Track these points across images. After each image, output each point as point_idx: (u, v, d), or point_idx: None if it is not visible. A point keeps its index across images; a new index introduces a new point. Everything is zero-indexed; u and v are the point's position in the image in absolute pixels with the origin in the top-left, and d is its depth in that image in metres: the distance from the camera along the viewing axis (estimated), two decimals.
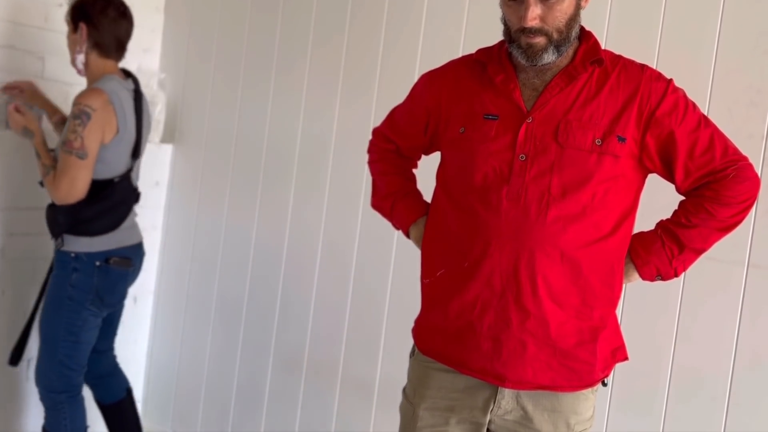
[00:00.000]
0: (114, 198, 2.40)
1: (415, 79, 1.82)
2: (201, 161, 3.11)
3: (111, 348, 2.67)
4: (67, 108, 2.45)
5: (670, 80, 1.56)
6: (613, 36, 2.16)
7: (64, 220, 2.34)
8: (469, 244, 1.55)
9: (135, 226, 2.56)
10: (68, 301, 2.36)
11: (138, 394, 3.13)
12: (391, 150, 1.84)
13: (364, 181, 2.62)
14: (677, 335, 2.12)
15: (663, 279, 1.60)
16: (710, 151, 1.53)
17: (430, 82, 1.72)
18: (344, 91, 2.71)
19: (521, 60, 1.52)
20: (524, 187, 1.50)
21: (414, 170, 1.89)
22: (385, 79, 2.61)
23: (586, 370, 1.55)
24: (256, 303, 2.93)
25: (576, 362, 1.54)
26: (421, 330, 1.69)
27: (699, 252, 1.58)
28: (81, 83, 2.83)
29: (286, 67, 2.87)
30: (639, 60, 1.61)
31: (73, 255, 2.36)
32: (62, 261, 2.38)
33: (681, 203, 1.60)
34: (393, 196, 1.81)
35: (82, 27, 2.37)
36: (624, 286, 1.65)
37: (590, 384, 1.58)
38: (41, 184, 2.40)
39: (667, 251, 1.57)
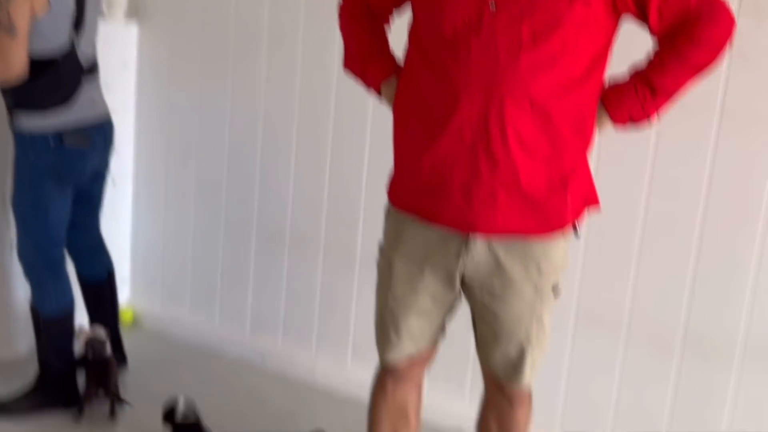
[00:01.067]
0: (58, 72, 2.34)
1: None
2: (169, 39, 3.03)
3: (93, 225, 2.70)
4: None
5: None
6: None
7: (10, 99, 2.34)
8: (439, 99, 1.54)
9: (95, 103, 2.49)
10: (29, 178, 2.39)
11: (125, 273, 3.19)
12: (360, 10, 1.80)
13: (336, 48, 2.57)
14: (651, 185, 2.16)
15: (635, 125, 1.60)
16: None
17: None
18: None
19: None
20: (494, 35, 1.48)
21: (386, 27, 1.85)
22: None
23: (556, 217, 1.58)
24: (235, 178, 2.94)
25: (546, 210, 1.57)
26: (394, 186, 1.72)
27: (671, 95, 1.57)
28: None
29: None
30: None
31: (27, 134, 2.36)
32: (20, 141, 2.39)
33: (654, 46, 1.58)
34: (364, 56, 1.78)
35: None
36: (598, 139, 1.66)
37: (561, 231, 1.61)
38: None
39: (640, 95, 1.56)
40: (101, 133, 2.51)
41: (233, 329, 3.01)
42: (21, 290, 2.73)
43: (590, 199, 1.66)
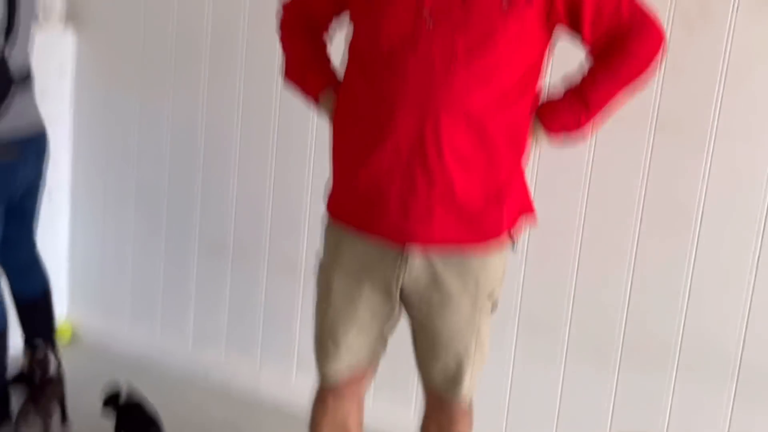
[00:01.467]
0: None
1: None
2: (108, 45, 2.96)
3: (28, 240, 2.60)
4: None
5: None
6: None
7: None
8: (376, 112, 1.54)
9: (27, 114, 2.39)
10: None
11: (63, 287, 3.10)
12: (300, 20, 1.79)
13: (277, 56, 2.53)
14: (588, 196, 2.19)
15: (570, 138, 1.63)
16: (617, 7, 1.53)
17: None
18: None
19: None
20: (430, 50, 1.48)
21: (326, 38, 1.84)
22: None
23: (493, 230, 1.60)
24: (176, 188, 2.88)
25: (483, 223, 1.58)
26: (332, 199, 1.71)
27: (605, 109, 1.59)
28: None
29: None
30: None
31: None
32: None
33: (588, 61, 1.61)
34: (303, 67, 1.78)
35: None
36: (536, 151, 1.68)
37: (497, 244, 1.62)
38: None
39: (574, 109, 1.58)
40: (34, 145, 2.42)
41: (175, 342, 2.96)
42: None
43: (526, 209, 1.67)
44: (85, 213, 3.10)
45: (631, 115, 1.94)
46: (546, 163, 2.13)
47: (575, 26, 1.54)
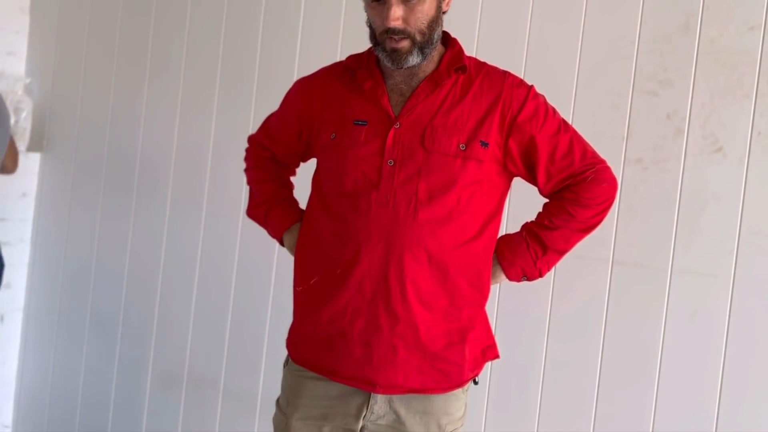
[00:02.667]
0: None
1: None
2: (71, 171, 2.97)
3: None
4: None
5: (531, 86, 1.61)
6: (482, 42, 2.21)
7: None
8: (340, 251, 1.55)
9: None
10: None
11: (7, 419, 2.95)
12: (266, 157, 1.83)
13: (243, 189, 2.57)
14: (549, 331, 2.19)
15: (528, 279, 1.66)
16: (570, 154, 1.59)
17: (301, 89, 1.72)
18: (221, 97, 2.65)
19: (387, 63, 1.54)
20: (392, 191, 1.51)
21: (292, 178, 1.88)
22: (263, 83, 2.57)
23: (455, 371, 1.58)
24: (132, 317, 2.82)
25: (445, 364, 1.57)
26: (293, 339, 1.68)
27: (561, 252, 1.64)
28: None
29: (160, 71, 2.78)
30: (506, 65, 1.65)
31: None
32: None
33: (544, 206, 1.66)
34: (267, 203, 1.80)
35: None
36: (496, 286, 1.68)
37: (459, 384, 1.60)
38: None
39: (532, 253, 1.62)
40: None
41: None
42: None
43: (490, 352, 1.67)
44: (37, 338, 3.01)
45: (590, 253, 1.97)
46: (506, 300, 2.14)
47: (530, 171, 1.60)
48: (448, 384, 1.58)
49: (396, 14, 1.47)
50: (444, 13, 1.57)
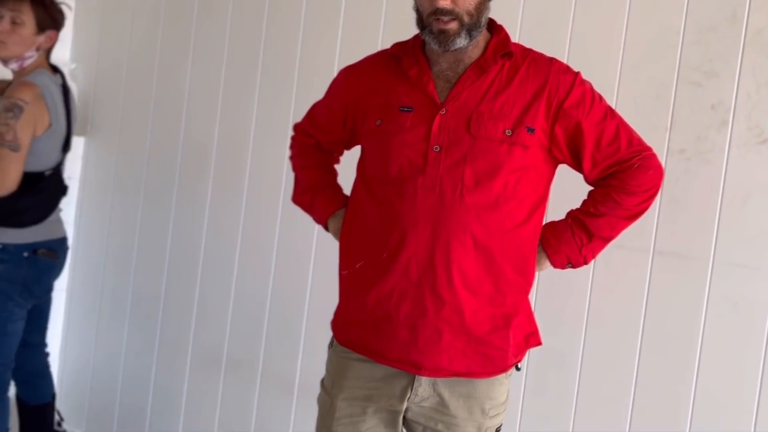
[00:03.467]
0: (47, 191, 2.44)
1: (335, 72, 1.83)
2: (114, 154, 3.03)
3: (43, 343, 2.66)
4: None
5: (578, 73, 1.61)
6: (525, 29, 2.21)
7: None
8: (386, 235, 1.57)
9: (60, 220, 2.56)
10: None
11: None
12: (311, 144, 1.86)
13: (283, 175, 2.61)
14: (588, 320, 2.20)
15: (573, 267, 1.67)
16: (616, 141, 1.59)
17: (347, 77, 1.75)
18: (263, 84, 2.69)
19: (434, 46, 1.55)
20: (438, 177, 1.53)
21: (336, 165, 1.91)
22: (304, 71, 2.60)
23: (499, 356, 1.60)
24: (173, 299, 2.88)
25: (490, 348, 1.59)
26: (339, 321, 1.71)
27: (607, 240, 1.65)
28: None
29: (203, 56, 2.82)
30: (550, 53, 1.66)
31: (1, 246, 2.36)
32: None
33: (589, 193, 1.67)
34: (312, 190, 1.83)
35: (52, 35, 2.46)
36: (536, 273, 1.70)
37: (503, 369, 1.62)
38: None
39: (577, 240, 1.63)
40: (63, 249, 2.56)
41: None
42: None
43: (532, 339, 1.69)
44: (80, 319, 3.08)
45: (630, 242, 1.97)
46: (547, 286, 2.15)
47: (576, 158, 1.61)
48: (492, 368, 1.60)
49: None
50: None
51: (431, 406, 1.61)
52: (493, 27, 1.63)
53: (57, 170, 2.49)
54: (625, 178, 1.60)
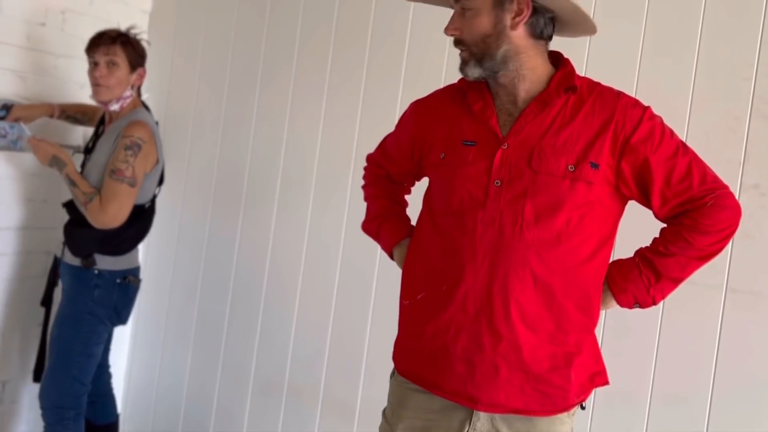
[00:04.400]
0: (144, 221, 2.62)
1: (398, 101, 1.87)
2: (183, 181, 3.11)
3: (108, 364, 2.77)
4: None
5: (647, 107, 1.58)
6: (593, 63, 2.20)
7: (100, 241, 2.50)
8: (446, 268, 1.58)
9: (138, 248, 2.71)
10: (89, 316, 2.50)
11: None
12: (381, 175, 1.91)
13: (347, 202, 2.65)
14: (657, 359, 2.14)
15: (641, 307, 1.62)
16: (688, 178, 1.55)
17: (415, 110, 1.78)
18: (328, 106, 2.73)
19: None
20: (498, 211, 1.53)
21: (406, 196, 1.95)
22: (368, 100, 2.64)
23: (559, 395, 1.57)
24: (236, 324, 2.93)
25: (549, 387, 1.56)
26: (399, 351, 1.72)
27: (677, 281, 1.59)
28: (63, 102, 2.84)
29: (270, 87, 2.89)
30: (619, 86, 1.64)
31: (96, 272, 2.50)
32: (84, 278, 2.51)
33: (661, 231, 1.62)
34: (380, 218, 1.87)
35: (142, 72, 2.62)
36: (604, 310, 1.67)
37: (565, 408, 1.59)
38: (68, 205, 2.57)
39: (644, 279, 1.59)
40: (139, 274, 2.70)
41: None
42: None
43: (598, 378, 1.65)
44: (145, 340, 3.16)
45: (702, 280, 1.92)
46: (615, 324, 2.11)
47: (644, 195, 1.57)
48: (552, 407, 1.58)
49: (453, 24, 1.56)
50: (513, 30, 1.55)
51: None
52: (560, 60, 1.63)
53: (153, 202, 2.65)
54: (697, 216, 1.54)
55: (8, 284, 2.73)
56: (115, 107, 2.56)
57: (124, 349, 3.19)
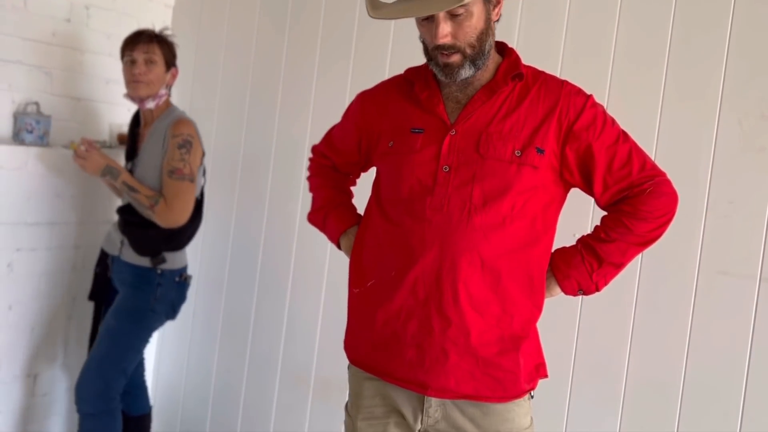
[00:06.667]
0: (199, 216, 2.73)
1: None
2: (208, 176, 3.15)
3: (143, 357, 2.82)
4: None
5: (590, 96, 1.64)
6: (620, 50, 2.18)
7: (167, 238, 2.62)
8: (395, 254, 1.63)
9: None
10: (151, 313, 2.63)
11: None
12: (327, 166, 1.97)
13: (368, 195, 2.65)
14: (689, 350, 2.13)
15: (585, 293, 1.67)
16: (628, 165, 1.60)
17: (362, 101, 1.84)
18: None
19: (440, 77, 1.62)
20: (447, 197, 1.58)
21: (352, 187, 2.00)
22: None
23: (510, 379, 1.61)
24: (263, 318, 2.98)
25: (499, 371, 1.60)
26: (350, 340, 1.78)
27: (618, 266, 1.64)
28: (89, 98, 2.88)
29: (293, 82, 2.93)
30: (651, 75, 1.65)
31: (159, 271, 2.62)
32: (147, 276, 2.63)
33: (602, 218, 1.67)
34: (325, 208, 1.93)
35: (174, 72, 2.72)
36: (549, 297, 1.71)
37: (516, 395, 1.62)
38: (124, 210, 2.65)
39: (587, 265, 1.63)
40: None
41: None
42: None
43: (542, 369, 1.69)
44: (173, 336, 3.22)
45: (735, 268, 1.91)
46: (645, 316, 2.10)
47: (587, 181, 1.63)
48: (503, 393, 1.61)
49: (444, 31, 1.54)
50: (496, 21, 1.61)
51: (445, 429, 1.63)
52: (505, 49, 1.69)
53: (202, 194, 2.76)
54: (636, 203, 1.59)
55: (39, 279, 2.80)
56: (150, 105, 2.65)
57: (152, 344, 3.24)
